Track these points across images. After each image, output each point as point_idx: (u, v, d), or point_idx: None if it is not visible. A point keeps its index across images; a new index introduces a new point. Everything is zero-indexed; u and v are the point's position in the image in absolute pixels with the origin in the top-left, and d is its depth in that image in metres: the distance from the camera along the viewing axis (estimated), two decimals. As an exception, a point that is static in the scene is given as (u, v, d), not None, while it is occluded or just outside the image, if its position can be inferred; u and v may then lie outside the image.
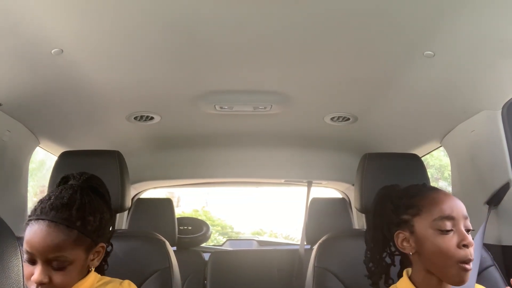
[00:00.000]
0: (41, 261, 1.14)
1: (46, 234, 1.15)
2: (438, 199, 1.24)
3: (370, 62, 1.54)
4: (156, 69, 1.61)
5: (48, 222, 1.16)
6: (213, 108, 1.93)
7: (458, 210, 1.22)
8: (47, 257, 1.14)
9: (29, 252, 1.15)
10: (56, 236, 1.15)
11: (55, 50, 1.38)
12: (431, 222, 1.21)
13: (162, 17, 1.28)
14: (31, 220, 1.18)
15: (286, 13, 1.26)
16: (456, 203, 1.24)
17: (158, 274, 1.52)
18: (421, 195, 1.27)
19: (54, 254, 1.14)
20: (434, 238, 1.20)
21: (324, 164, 2.68)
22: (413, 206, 1.26)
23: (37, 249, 1.14)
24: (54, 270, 1.15)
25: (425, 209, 1.23)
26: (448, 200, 1.24)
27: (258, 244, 4.33)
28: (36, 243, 1.14)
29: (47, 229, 1.15)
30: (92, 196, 1.25)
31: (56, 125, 2.01)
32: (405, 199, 1.29)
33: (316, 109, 2.01)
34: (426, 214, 1.23)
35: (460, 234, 1.19)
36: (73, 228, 1.17)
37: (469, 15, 1.24)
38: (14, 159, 1.84)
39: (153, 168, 2.67)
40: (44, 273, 1.14)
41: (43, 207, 1.18)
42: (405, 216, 1.26)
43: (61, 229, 1.16)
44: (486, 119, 1.71)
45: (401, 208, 1.28)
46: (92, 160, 1.65)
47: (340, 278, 1.55)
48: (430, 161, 7.58)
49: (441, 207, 1.22)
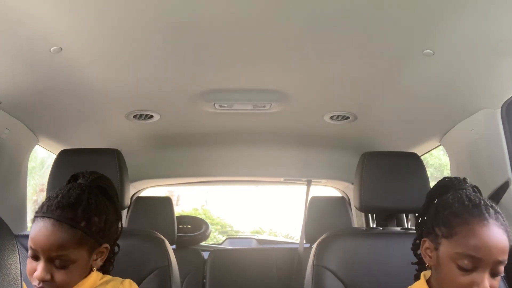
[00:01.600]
0: (44, 258, 1.15)
1: (50, 232, 1.15)
2: (476, 231, 1.10)
3: (370, 61, 1.54)
4: (155, 67, 1.61)
5: (53, 220, 1.16)
6: (213, 107, 1.93)
7: (491, 253, 1.08)
8: (50, 255, 1.15)
9: (32, 248, 1.16)
10: (59, 236, 1.16)
11: (54, 48, 1.38)
12: (454, 253, 1.11)
13: (161, 15, 1.27)
14: (37, 217, 1.19)
15: (286, 11, 1.26)
16: (494, 244, 1.09)
17: (157, 272, 1.52)
18: (463, 218, 1.13)
19: (57, 253, 1.15)
20: (451, 268, 1.12)
21: (323, 163, 2.69)
22: (449, 225, 1.15)
23: (40, 246, 1.15)
24: (56, 268, 1.16)
25: (456, 236, 1.12)
26: (486, 237, 1.09)
27: (257, 242, 4.34)
28: (40, 240, 1.15)
29: (51, 227, 1.16)
30: (99, 197, 1.26)
31: (55, 123, 2.01)
32: (448, 211, 1.17)
33: (315, 107, 2.01)
34: (455, 242, 1.12)
35: (478, 277, 1.08)
36: (77, 228, 1.18)
37: (469, 14, 1.23)
38: (13, 157, 1.84)
39: (153, 166, 2.67)
40: (46, 270, 1.15)
41: (49, 205, 1.19)
42: (437, 231, 1.18)
43: (65, 228, 1.16)
44: (486, 118, 1.71)
45: (440, 220, 1.18)
46: (91, 158, 1.65)
47: (339, 277, 1.55)
48: (429, 160, 7.58)
49: (471, 244, 1.09)
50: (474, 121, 1.77)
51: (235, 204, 9.15)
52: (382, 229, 1.73)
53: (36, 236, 1.16)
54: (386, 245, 1.61)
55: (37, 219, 1.18)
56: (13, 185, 1.86)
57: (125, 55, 1.50)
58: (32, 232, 1.17)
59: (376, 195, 1.69)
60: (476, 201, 1.16)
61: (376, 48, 1.45)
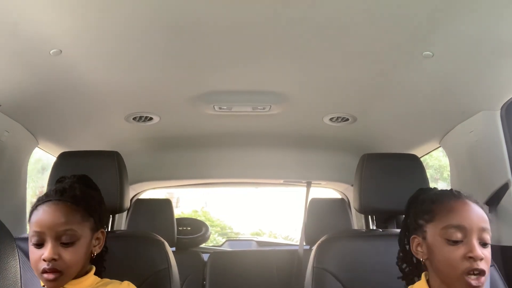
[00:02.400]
0: (51, 237, 1.20)
1: (55, 210, 1.23)
2: (454, 207, 1.20)
3: (369, 63, 1.54)
4: (155, 70, 1.61)
5: (56, 201, 1.24)
6: (212, 109, 1.93)
7: (472, 220, 1.17)
8: (57, 232, 1.20)
9: (37, 231, 1.20)
10: (64, 212, 1.23)
11: (54, 50, 1.38)
12: (440, 230, 1.18)
13: (161, 17, 1.28)
14: (38, 205, 1.24)
15: (285, 13, 1.26)
16: (473, 213, 1.18)
17: (157, 274, 1.52)
18: (440, 200, 1.24)
19: (63, 227, 1.21)
20: (442, 247, 1.17)
21: (323, 165, 2.68)
22: (429, 211, 1.23)
23: (47, 225, 1.20)
24: (63, 247, 1.21)
25: (438, 216, 1.21)
26: (464, 208, 1.19)
27: (257, 244, 4.32)
28: (46, 219, 1.21)
29: (55, 207, 1.23)
30: (88, 187, 1.36)
31: (55, 126, 2.00)
32: (426, 203, 1.26)
33: (315, 109, 2.01)
34: (438, 221, 1.20)
35: (468, 245, 1.14)
36: (79, 206, 1.26)
37: (468, 16, 1.24)
38: (13, 160, 1.84)
39: (152, 168, 2.66)
40: (54, 250, 1.19)
41: (47, 194, 1.27)
42: (420, 221, 1.25)
43: (68, 206, 1.24)
44: (485, 120, 1.71)
45: (420, 212, 1.26)
46: (91, 161, 1.65)
47: (339, 279, 1.55)
48: (429, 162, 7.57)
49: (454, 215, 1.18)
50: (474, 123, 1.77)
51: (235, 206, 9.13)
52: (382, 231, 1.73)
53: (41, 217, 1.21)
54: (386, 247, 1.61)
55: (38, 207, 1.24)
56: (13, 188, 1.86)
57: (124, 57, 1.50)
58: (36, 216, 1.22)
59: (376, 197, 1.68)
60: (446, 190, 1.28)
61: (376, 50, 1.45)
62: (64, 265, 1.20)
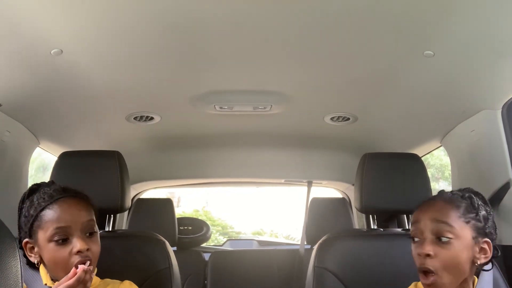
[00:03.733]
0: (78, 230, 1.22)
1: (76, 203, 1.26)
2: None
3: (370, 62, 1.54)
4: (156, 69, 1.61)
5: (70, 197, 1.26)
6: (213, 108, 1.93)
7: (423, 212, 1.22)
8: (83, 223, 1.23)
9: (62, 227, 1.21)
10: (84, 205, 1.27)
11: (55, 50, 1.38)
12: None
13: (162, 17, 1.28)
14: (49, 203, 1.23)
15: (286, 13, 1.26)
16: (428, 205, 1.23)
17: (158, 274, 1.52)
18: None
19: (87, 217, 1.25)
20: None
21: (324, 164, 2.68)
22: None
23: (72, 219, 1.22)
24: (89, 238, 1.24)
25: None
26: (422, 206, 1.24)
27: (258, 244, 4.33)
28: (70, 213, 1.23)
29: (73, 201, 1.26)
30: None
31: (56, 126, 2.01)
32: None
33: (316, 109, 2.01)
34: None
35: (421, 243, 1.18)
36: (88, 202, 1.30)
37: (469, 15, 1.24)
38: (14, 159, 1.84)
39: (153, 168, 2.67)
40: (85, 242, 1.21)
41: (50, 195, 1.26)
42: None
43: (85, 200, 1.29)
44: (486, 119, 1.71)
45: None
46: (92, 160, 1.65)
47: (340, 278, 1.55)
48: (430, 161, 7.57)
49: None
50: (475, 122, 1.77)
51: (236, 206, 9.14)
52: (383, 231, 1.73)
53: (63, 213, 1.22)
54: (387, 247, 1.61)
55: (50, 205, 1.23)
56: (14, 188, 1.86)
57: (125, 57, 1.51)
58: (55, 214, 1.22)
59: (377, 196, 1.68)
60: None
61: (377, 49, 1.45)
62: (93, 256, 1.23)
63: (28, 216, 1.25)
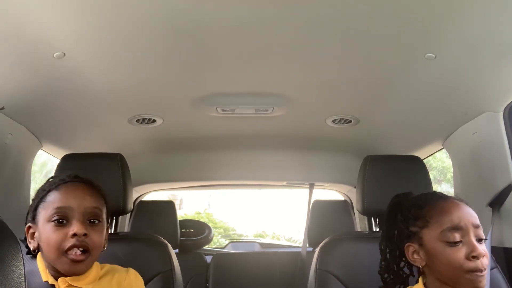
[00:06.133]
0: (79, 213, 1.17)
1: (83, 188, 1.22)
2: (446, 208, 1.20)
3: (372, 65, 1.54)
4: (158, 72, 1.61)
5: (79, 182, 1.23)
6: (215, 111, 1.93)
7: (467, 219, 1.18)
8: (86, 208, 1.18)
9: (63, 207, 1.17)
10: (92, 191, 1.24)
11: (57, 53, 1.38)
12: (439, 234, 1.18)
13: (164, 20, 1.28)
14: (57, 185, 1.21)
15: (288, 16, 1.26)
16: (465, 212, 1.19)
17: (160, 276, 1.52)
18: (429, 205, 1.24)
19: (92, 204, 1.20)
20: (442, 250, 1.17)
21: (326, 167, 2.68)
22: (421, 217, 1.23)
23: (75, 201, 1.18)
24: (91, 226, 1.18)
25: (432, 220, 1.20)
26: (456, 209, 1.20)
27: (260, 246, 4.32)
28: (74, 195, 1.19)
29: (81, 185, 1.23)
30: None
31: (59, 128, 2.01)
32: (414, 209, 1.26)
33: (317, 111, 2.01)
34: (434, 225, 1.20)
35: (469, 245, 1.15)
36: (99, 191, 1.26)
37: (471, 17, 1.24)
38: (17, 162, 1.85)
39: (155, 170, 2.67)
40: (83, 226, 1.16)
41: (61, 179, 1.24)
42: (414, 228, 1.24)
43: (92, 187, 1.25)
44: (488, 121, 1.71)
45: (410, 219, 1.25)
46: (94, 163, 1.66)
47: (342, 281, 1.55)
48: (432, 163, 7.57)
49: (449, 218, 1.18)
50: (477, 124, 1.77)
51: (238, 208, 9.14)
52: (385, 233, 1.72)
53: (67, 194, 1.19)
54: (388, 249, 1.61)
55: (58, 187, 1.21)
56: (17, 190, 1.86)
57: (128, 60, 1.51)
58: (59, 195, 1.19)
59: (379, 199, 1.68)
60: (430, 192, 1.33)
61: (378, 52, 1.45)
62: (92, 245, 1.17)
63: (35, 199, 1.22)
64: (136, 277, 1.32)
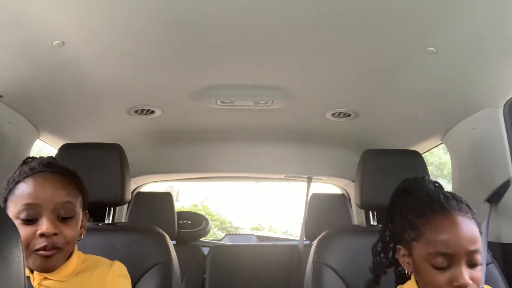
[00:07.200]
0: (48, 210, 1.09)
1: (52, 181, 1.12)
2: (441, 229, 1.09)
3: (372, 58, 1.54)
4: (158, 63, 1.60)
5: (49, 172, 1.14)
6: (214, 103, 1.93)
7: (461, 246, 1.07)
8: (56, 204, 1.10)
9: (30, 204, 1.08)
10: (63, 183, 1.14)
11: (57, 42, 1.37)
12: (427, 254, 1.10)
13: (164, 10, 1.27)
14: (24, 177, 1.12)
15: (288, 8, 1.25)
16: (461, 237, 1.08)
17: (157, 267, 1.52)
18: (427, 216, 1.13)
19: (64, 199, 1.11)
20: (427, 270, 1.10)
21: (324, 160, 2.69)
22: (415, 228, 1.14)
23: (44, 197, 1.09)
24: (62, 222, 1.10)
25: (424, 237, 1.11)
26: (453, 231, 1.08)
27: (257, 239, 4.33)
28: (43, 190, 1.10)
29: (51, 177, 1.13)
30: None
31: (57, 118, 2.00)
32: (411, 214, 1.17)
33: (317, 104, 2.01)
34: (424, 243, 1.11)
35: (455, 272, 1.06)
36: (72, 180, 1.17)
37: (473, 12, 1.23)
38: (15, 151, 1.84)
39: (153, 162, 2.67)
40: (53, 224, 1.08)
41: (31, 167, 1.14)
42: (406, 235, 1.17)
43: (65, 178, 1.15)
44: (488, 117, 1.71)
45: (405, 224, 1.17)
46: (92, 153, 1.65)
47: (339, 274, 1.55)
48: (429, 159, 7.58)
49: (441, 241, 1.08)
50: (476, 120, 1.77)
51: (235, 201, 9.16)
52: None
53: (35, 189, 1.09)
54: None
55: (26, 179, 1.12)
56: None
57: (127, 50, 1.50)
58: (26, 189, 1.10)
59: (377, 193, 1.69)
60: (435, 196, 1.15)
61: (379, 45, 1.45)
62: (63, 242, 1.10)
63: (6, 189, 1.14)
64: (120, 271, 1.26)
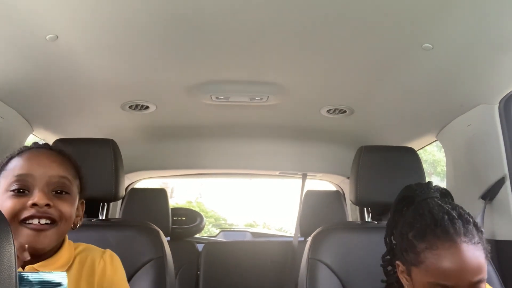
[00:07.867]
0: (42, 183, 1.03)
1: (51, 155, 1.08)
2: (443, 259, 1.01)
3: (368, 54, 1.54)
4: (152, 58, 1.59)
5: (45, 149, 1.10)
6: (209, 98, 1.92)
7: (463, 278, 0.99)
8: (51, 177, 1.04)
9: (24, 174, 1.02)
10: (60, 160, 1.09)
11: (50, 36, 1.36)
12: (426, 283, 1.03)
13: (158, 5, 1.26)
14: (19, 152, 1.09)
15: (283, 4, 1.25)
16: (464, 269, 1.00)
17: (152, 263, 1.51)
18: (428, 241, 1.04)
19: (59, 173, 1.06)
20: None
21: (319, 157, 2.69)
22: (415, 252, 1.06)
23: (39, 169, 1.04)
24: (57, 197, 1.05)
25: (424, 264, 1.04)
26: (456, 262, 1.00)
27: (251, 235, 4.34)
28: (40, 162, 1.05)
29: (49, 152, 1.09)
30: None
31: (50, 113, 1.99)
32: (412, 234, 1.09)
33: (312, 101, 2.00)
34: (424, 271, 1.04)
35: None
36: (70, 160, 1.13)
37: (468, 9, 1.23)
38: (7, 146, 1.82)
39: (148, 158, 2.66)
40: (47, 196, 1.02)
41: (27, 147, 1.12)
42: (406, 256, 1.10)
43: (62, 156, 1.11)
44: (483, 114, 1.71)
45: (405, 244, 1.10)
46: (86, 148, 1.64)
47: (333, 270, 1.55)
48: (423, 156, 7.61)
49: (441, 271, 1.01)
50: (472, 117, 1.77)
51: (229, 198, 9.17)
52: (377, 223, 1.73)
53: (29, 161, 1.04)
54: (380, 239, 1.59)
55: (21, 153, 1.07)
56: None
57: (122, 45, 1.49)
58: (20, 162, 1.05)
59: (372, 189, 1.69)
60: (439, 216, 1.06)
61: (375, 41, 1.44)
62: (59, 215, 1.03)
63: None
64: (112, 260, 1.21)
